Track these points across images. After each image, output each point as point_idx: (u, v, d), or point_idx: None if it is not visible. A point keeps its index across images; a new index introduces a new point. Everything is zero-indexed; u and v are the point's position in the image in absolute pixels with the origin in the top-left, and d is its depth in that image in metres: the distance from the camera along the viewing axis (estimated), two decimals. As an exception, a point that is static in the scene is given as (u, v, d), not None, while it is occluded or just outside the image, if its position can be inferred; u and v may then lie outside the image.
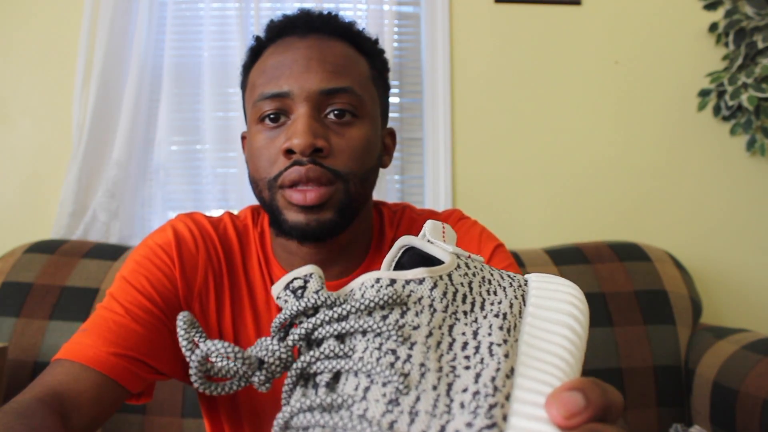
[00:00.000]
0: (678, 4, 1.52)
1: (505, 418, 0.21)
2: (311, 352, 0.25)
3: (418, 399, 0.22)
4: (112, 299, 0.54)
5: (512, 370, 0.24)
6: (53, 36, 1.41)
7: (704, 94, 1.48)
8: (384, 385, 0.23)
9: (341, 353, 0.24)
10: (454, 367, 0.24)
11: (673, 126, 1.50)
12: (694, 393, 1.09)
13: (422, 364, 0.23)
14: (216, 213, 0.68)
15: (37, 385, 0.47)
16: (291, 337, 0.25)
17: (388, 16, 1.44)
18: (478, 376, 0.23)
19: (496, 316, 0.27)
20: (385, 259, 0.33)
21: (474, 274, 0.29)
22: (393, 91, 1.48)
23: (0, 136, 1.39)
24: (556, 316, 0.28)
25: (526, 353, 0.25)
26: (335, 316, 0.25)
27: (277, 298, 0.26)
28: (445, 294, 0.26)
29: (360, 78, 0.57)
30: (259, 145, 0.55)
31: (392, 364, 0.23)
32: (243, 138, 0.65)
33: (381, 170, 0.62)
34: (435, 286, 0.26)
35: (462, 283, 0.28)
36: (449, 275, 0.28)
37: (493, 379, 0.23)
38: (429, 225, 0.33)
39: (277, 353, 0.25)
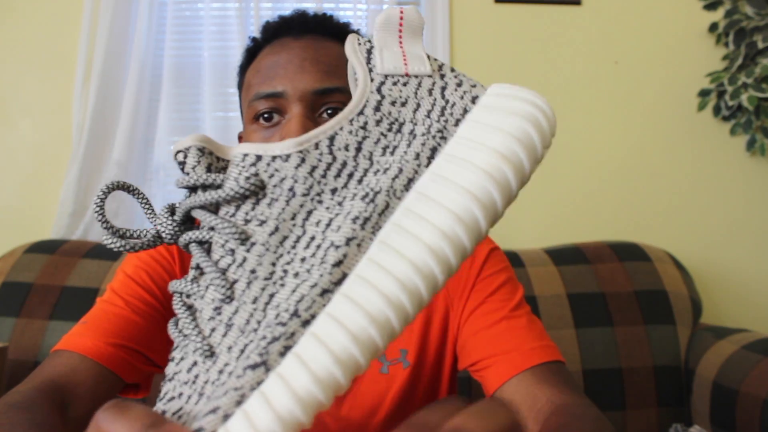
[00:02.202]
0: (678, 4, 1.52)
1: (283, 353, 0.20)
2: (183, 236, 0.24)
3: (236, 311, 0.22)
4: (112, 293, 0.54)
5: (337, 282, 0.21)
6: (53, 36, 1.41)
7: (704, 94, 1.48)
8: (215, 289, 0.22)
9: (205, 244, 0.24)
10: (285, 273, 0.22)
11: (673, 126, 1.50)
12: (694, 393, 1.09)
13: (253, 271, 0.22)
14: None
15: (37, 376, 0.47)
16: (176, 214, 0.25)
17: (388, 16, 1.44)
18: (294, 290, 0.21)
19: (364, 197, 0.23)
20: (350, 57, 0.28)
21: (380, 119, 0.24)
22: (393, 91, 1.48)
23: (0, 136, 1.39)
24: (501, 120, 0.23)
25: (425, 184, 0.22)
26: (202, 201, 0.23)
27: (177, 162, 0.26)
28: (313, 170, 0.23)
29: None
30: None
31: (226, 268, 0.22)
32: (240, 138, 0.65)
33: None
34: (302, 161, 0.23)
35: (347, 146, 0.24)
36: (331, 138, 0.24)
37: (299, 300, 0.21)
38: (381, 15, 0.27)
39: (168, 228, 0.25)
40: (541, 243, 1.40)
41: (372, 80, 0.25)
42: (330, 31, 0.59)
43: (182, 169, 0.24)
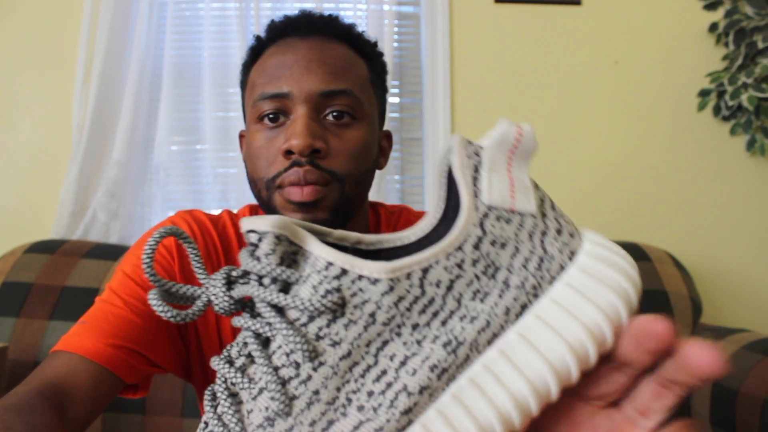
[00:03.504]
0: (678, 4, 1.52)
1: None
2: (241, 321, 0.23)
3: (291, 429, 0.21)
4: (111, 292, 0.54)
5: (401, 429, 0.21)
6: (53, 36, 1.41)
7: (704, 94, 1.48)
8: (272, 397, 0.21)
9: (261, 341, 0.23)
10: (349, 401, 0.21)
11: (673, 126, 1.50)
12: (694, 393, 1.09)
13: (316, 392, 0.21)
14: (216, 212, 0.68)
15: (36, 377, 0.47)
16: (235, 290, 0.24)
17: (388, 16, 1.44)
18: (356, 427, 0.21)
19: (446, 345, 0.22)
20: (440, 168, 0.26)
21: (477, 260, 0.23)
22: (393, 91, 1.48)
23: (0, 136, 1.39)
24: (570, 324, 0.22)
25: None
26: (269, 299, 0.22)
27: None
28: (399, 301, 0.21)
29: (359, 80, 0.57)
30: (258, 144, 0.55)
31: (288, 381, 0.21)
32: (241, 136, 0.65)
33: (380, 171, 0.62)
34: (390, 290, 0.21)
35: (438, 282, 0.22)
36: (425, 270, 0.22)
37: None
38: (498, 131, 0.25)
39: (221, 303, 0.24)
40: (541, 243, 1.40)
41: (477, 209, 0.23)
42: (336, 32, 0.58)
43: (252, 252, 0.23)
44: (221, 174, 1.41)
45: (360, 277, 0.21)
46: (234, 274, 0.24)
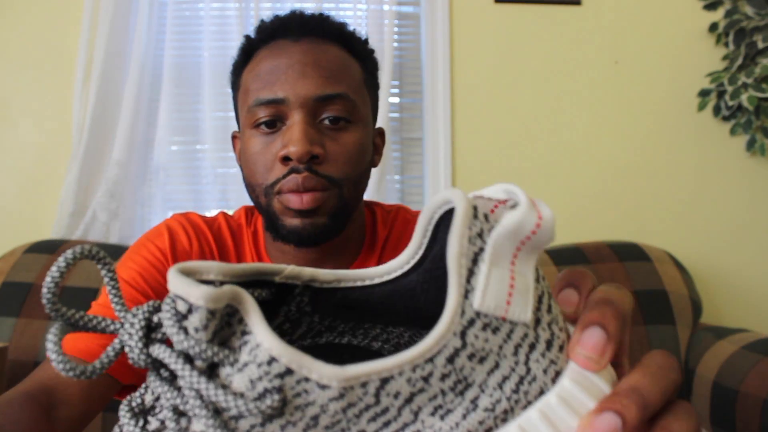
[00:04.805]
0: (678, 4, 1.52)
1: None
2: (156, 386, 0.20)
3: None
4: (106, 296, 0.54)
5: None
6: (53, 36, 1.41)
7: (704, 94, 1.48)
8: None
9: (178, 414, 0.19)
10: None
11: (674, 126, 1.50)
12: (694, 393, 1.09)
13: None
14: (212, 213, 0.68)
15: (26, 380, 0.47)
16: (154, 348, 0.20)
17: (388, 16, 1.44)
18: None
19: None
20: (417, 226, 0.23)
21: (448, 374, 0.19)
22: (393, 91, 1.48)
23: (0, 136, 1.39)
24: None
25: None
26: (195, 386, 0.18)
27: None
28: (348, 408, 0.18)
29: (354, 83, 0.57)
30: (255, 150, 0.55)
31: None
32: (234, 137, 0.65)
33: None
34: (341, 397, 0.18)
35: (397, 394, 0.19)
36: (384, 380, 0.18)
37: None
38: (514, 219, 0.20)
39: (136, 357, 0.20)
40: (541, 243, 1.40)
41: (462, 314, 0.19)
42: (329, 33, 0.58)
43: (179, 321, 0.19)
44: (221, 174, 1.41)
45: (307, 379, 0.18)
46: (156, 319, 0.20)
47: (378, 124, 0.65)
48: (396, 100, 1.50)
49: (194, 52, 1.44)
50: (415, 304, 0.23)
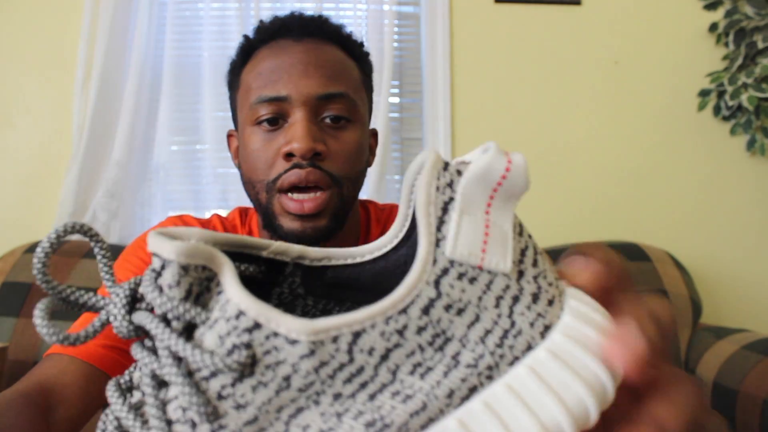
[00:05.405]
0: (678, 4, 1.52)
1: None
2: (137, 352, 0.20)
3: None
4: (99, 296, 0.54)
5: None
6: (53, 36, 1.41)
7: (704, 94, 1.48)
8: None
9: (157, 383, 0.19)
10: None
11: (674, 126, 1.50)
12: (694, 393, 1.09)
13: None
14: (211, 213, 0.69)
15: (24, 379, 0.47)
16: (135, 315, 0.20)
17: (388, 16, 1.44)
18: None
19: (369, 425, 0.18)
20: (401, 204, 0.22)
21: (424, 327, 0.18)
22: (393, 91, 1.48)
23: (0, 136, 1.39)
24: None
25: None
26: (167, 343, 0.18)
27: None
28: (320, 367, 0.18)
29: (353, 83, 0.58)
30: (256, 147, 0.55)
31: None
32: (229, 136, 0.65)
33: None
34: (311, 353, 0.17)
35: (371, 350, 0.18)
36: (356, 334, 0.18)
37: None
38: (481, 163, 0.19)
39: (119, 326, 0.20)
40: (542, 243, 1.40)
41: (435, 262, 0.18)
42: (328, 34, 0.59)
43: (154, 279, 0.19)
44: (221, 174, 1.41)
45: (276, 334, 0.17)
46: (141, 290, 0.19)
47: (378, 124, 0.66)
48: (396, 100, 1.50)
49: (194, 52, 1.44)
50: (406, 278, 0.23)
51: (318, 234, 0.54)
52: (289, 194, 0.53)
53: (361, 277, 0.23)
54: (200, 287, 0.18)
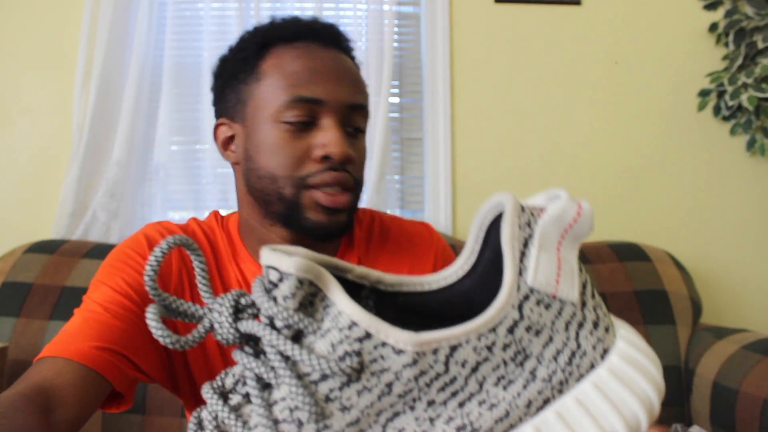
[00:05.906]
0: (678, 4, 1.52)
1: None
2: (242, 357, 0.22)
3: None
4: (89, 301, 0.54)
5: None
6: (53, 36, 1.41)
7: (704, 94, 1.48)
8: None
9: (261, 385, 0.21)
10: None
11: (674, 126, 1.50)
12: (694, 393, 1.09)
13: None
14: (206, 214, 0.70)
15: (21, 381, 0.47)
16: (242, 324, 0.22)
17: (388, 16, 1.44)
18: None
19: (459, 429, 0.21)
20: (471, 232, 0.25)
21: (509, 344, 0.21)
22: (393, 91, 1.48)
23: (0, 136, 1.39)
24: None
25: None
26: (281, 348, 0.20)
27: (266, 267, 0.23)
28: (420, 375, 0.20)
29: (367, 95, 0.62)
30: (281, 143, 0.56)
31: None
32: (220, 125, 0.63)
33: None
34: (414, 363, 0.20)
35: (464, 362, 0.20)
36: (453, 348, 0.20)
37: None
38: (557, 208, 0.23)
39: (225, 333, 0.22)
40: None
41: (518, 289, 0.21)
42: (344, 45, 0.61)
43: (269, 290, 0.21)
44: (221, 174, 1.41)
45: (384, 344, 0.20)
46: (243, 302, 0.22)
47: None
48: (396, 100, 1.50)
49: (194, 52, 1.44)
50: (469, 308, 0.25)
51: (339, 228, 0.57)
52: (321, 189, 0.56)
53: (428, 304, 0.26)
54: (306, 300, 0.21)
